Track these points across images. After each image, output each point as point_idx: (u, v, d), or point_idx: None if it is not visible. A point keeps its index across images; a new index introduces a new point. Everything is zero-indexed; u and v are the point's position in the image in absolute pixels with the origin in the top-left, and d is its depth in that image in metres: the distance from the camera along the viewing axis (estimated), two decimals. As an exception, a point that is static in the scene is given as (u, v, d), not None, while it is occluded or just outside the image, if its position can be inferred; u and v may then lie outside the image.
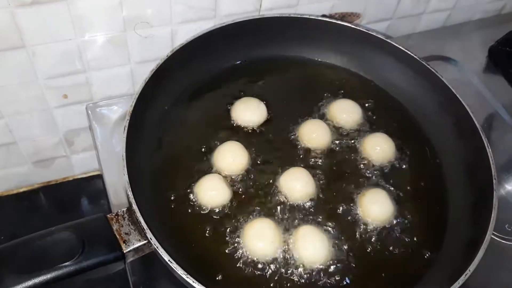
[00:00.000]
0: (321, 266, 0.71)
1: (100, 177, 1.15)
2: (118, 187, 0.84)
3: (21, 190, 1.10)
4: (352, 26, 0.91)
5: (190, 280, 0.61)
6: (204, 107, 0.87)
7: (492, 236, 0.85)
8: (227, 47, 0.89)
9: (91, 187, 1.14)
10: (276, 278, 0.70)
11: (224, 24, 0.87)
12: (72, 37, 0.83)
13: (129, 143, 0.71)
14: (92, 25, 0.83)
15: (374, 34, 0.91)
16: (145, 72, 0.79)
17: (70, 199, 1.13)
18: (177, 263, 0.62)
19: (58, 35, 0.82)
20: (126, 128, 0.72)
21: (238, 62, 0.93)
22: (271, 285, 0.69)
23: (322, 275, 0.70)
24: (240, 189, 0.77)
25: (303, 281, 0.70)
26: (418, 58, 0.89)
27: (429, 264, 0.74)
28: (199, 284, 0.60)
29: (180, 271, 0.61)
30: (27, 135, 0.98)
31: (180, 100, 0.86)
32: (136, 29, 0.87)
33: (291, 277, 0.70)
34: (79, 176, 1.14)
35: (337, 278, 0.70)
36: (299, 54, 0.96)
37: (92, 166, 1.12)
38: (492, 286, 0.82)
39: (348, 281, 0.71)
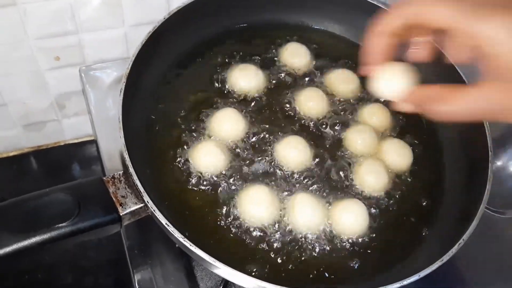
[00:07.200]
0: (315, 233, 0.72)
1: (91, 142, 1.14)
2: (112, 151, 0.83)
3: (11, 154, 1.09)
4: (352, -6, 0.90)
5: (187, 243, 0.60)
6: (201, 72, 0.85)
7: (484, 209, 0.87)
8: (225, 11, 0.87)
9: (82, 152, 1.13)
10: (270, 243, 0.70)
11: (222, -13, 0.85)
12: (65, -4, 0.81)
13: (125, 106, 0.70)
14: (86, -16, 0.81)
15: (373, 2, 0.90)
16: (139, 36, 0.77)
17: (61, 164, 1.13)
18: (174, 226, 0.62)
19: (50, -8, 0.80)
20: (123, 91, 0.70)
21: (236, 27, 0.91)
22: (266, 250, 0.69)
23: (316, 242, 0.71)
24: (236, 156, 0.77)
25: (296, 247, 0.70)
26: (417, 29, 0.89)
27: (424, 233, 0.75)
28: (196, 247, 0.60)
29: (177, 234, 0.61)
30: (17, 97, 0.97)
31: (176, 64, 0.84)
32: (131, -11, 0.85)
33: (285, 243, 0.70)
34: (70, 141, 1.13)
35: (330, 246, 0.71)
36: (298, 20, 0.95)
37: (83, 131, 1.11)
38: (482, 258, 0.84)
39: (342, 248, 0.71)
